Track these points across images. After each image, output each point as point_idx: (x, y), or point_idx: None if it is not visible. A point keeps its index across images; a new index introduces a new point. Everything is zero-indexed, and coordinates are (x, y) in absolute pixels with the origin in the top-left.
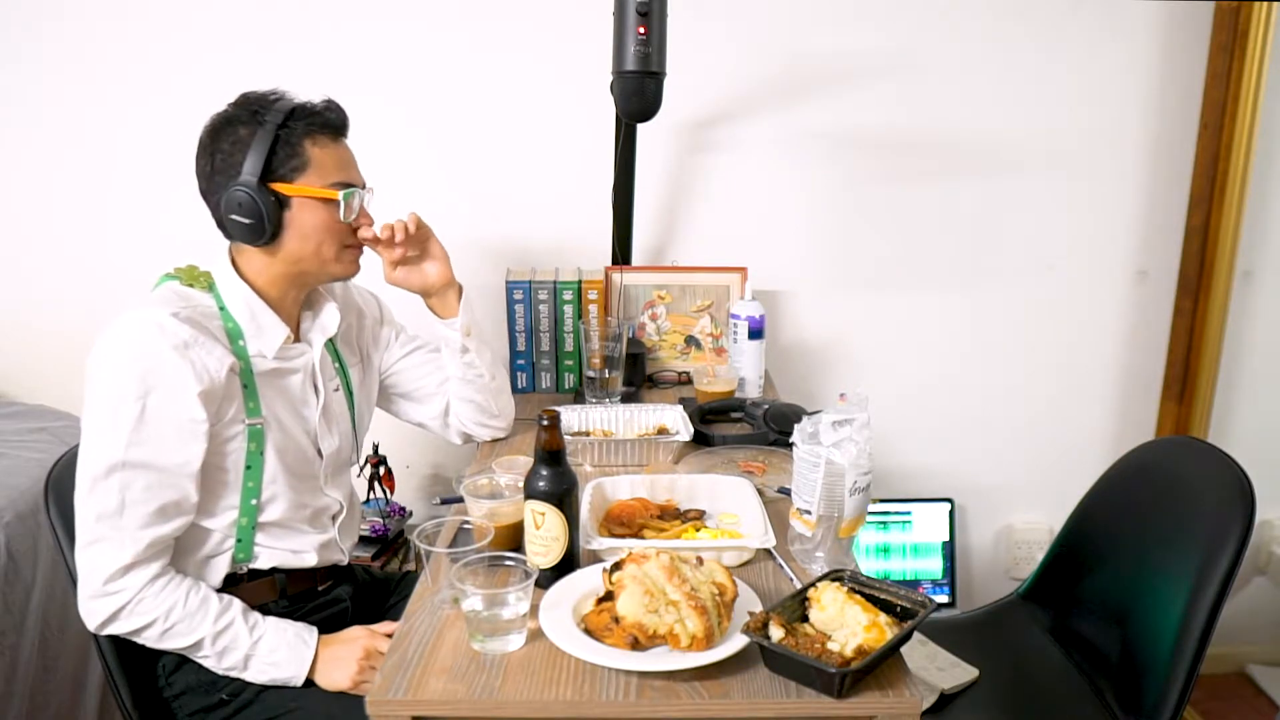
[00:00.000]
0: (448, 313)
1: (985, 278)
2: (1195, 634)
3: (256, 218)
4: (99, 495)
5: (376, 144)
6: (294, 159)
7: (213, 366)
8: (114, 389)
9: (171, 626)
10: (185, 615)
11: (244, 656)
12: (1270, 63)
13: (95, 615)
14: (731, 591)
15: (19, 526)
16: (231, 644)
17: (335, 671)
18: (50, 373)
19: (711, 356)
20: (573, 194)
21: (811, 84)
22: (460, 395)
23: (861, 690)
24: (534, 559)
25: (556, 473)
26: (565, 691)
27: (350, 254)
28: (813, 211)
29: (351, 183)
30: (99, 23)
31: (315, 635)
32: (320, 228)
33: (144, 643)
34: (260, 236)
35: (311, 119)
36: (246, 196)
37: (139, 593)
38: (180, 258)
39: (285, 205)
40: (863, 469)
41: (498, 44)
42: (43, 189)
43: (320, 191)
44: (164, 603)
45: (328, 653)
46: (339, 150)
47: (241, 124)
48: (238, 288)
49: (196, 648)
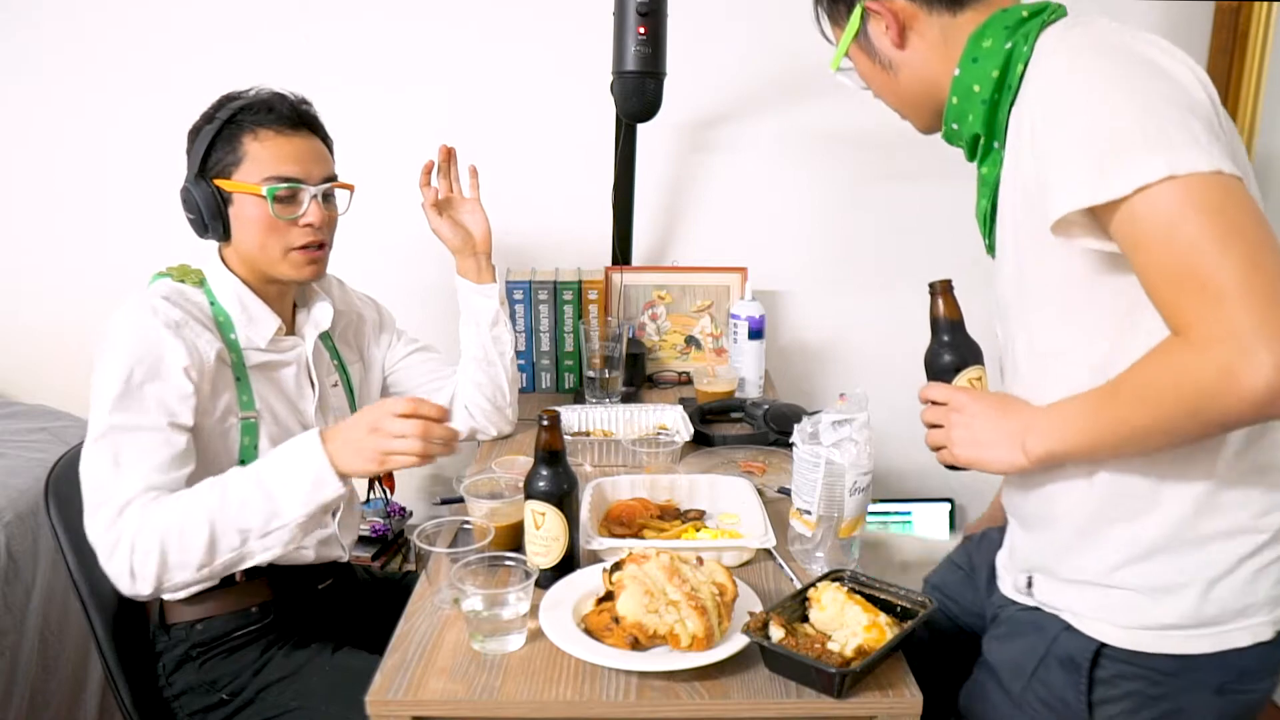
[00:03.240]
0: (484, 278)
1: (986, 277)
2: None
3: (196, 213)
4: (95, 458)
5: (377, 144)
6: (231, 154)
7: (202, 347)
8: (108, 366)
9: (183, 527)
10: (185, 507)
11: (266, 497)
12: (1270, 63)
13: (119, 574)
14: (731, 591)
15: (19, 526)
16: (246, 497)
17: (352, 459)
18: (50, 373)
19: (711, 356)
20: (573, 194)
21: (812, 84)
22: (476, 380)
23: (861, 690)
24: (534, 559)
25: (556, 473)
26: (565, 691)
27: (298, 256)
28: (813, 211)
29: (294, 178)
30: (94, 26)
31: (313, 432)
32: (257, 225)
33: (185, 575)
34: (204, 232)
35: (256, 113)
36: (188, 193)
37: (138, 523)
38: (178, 257)
39: (229, 201)
40: (863, 469)
41: (498, 44)
42: (42, 189)
43: (246, 187)
44: (160, 513)
45: (333, 447)
46: (285, 144)
47: (205, 122)
48: (227, 280)
49: (224, 533)
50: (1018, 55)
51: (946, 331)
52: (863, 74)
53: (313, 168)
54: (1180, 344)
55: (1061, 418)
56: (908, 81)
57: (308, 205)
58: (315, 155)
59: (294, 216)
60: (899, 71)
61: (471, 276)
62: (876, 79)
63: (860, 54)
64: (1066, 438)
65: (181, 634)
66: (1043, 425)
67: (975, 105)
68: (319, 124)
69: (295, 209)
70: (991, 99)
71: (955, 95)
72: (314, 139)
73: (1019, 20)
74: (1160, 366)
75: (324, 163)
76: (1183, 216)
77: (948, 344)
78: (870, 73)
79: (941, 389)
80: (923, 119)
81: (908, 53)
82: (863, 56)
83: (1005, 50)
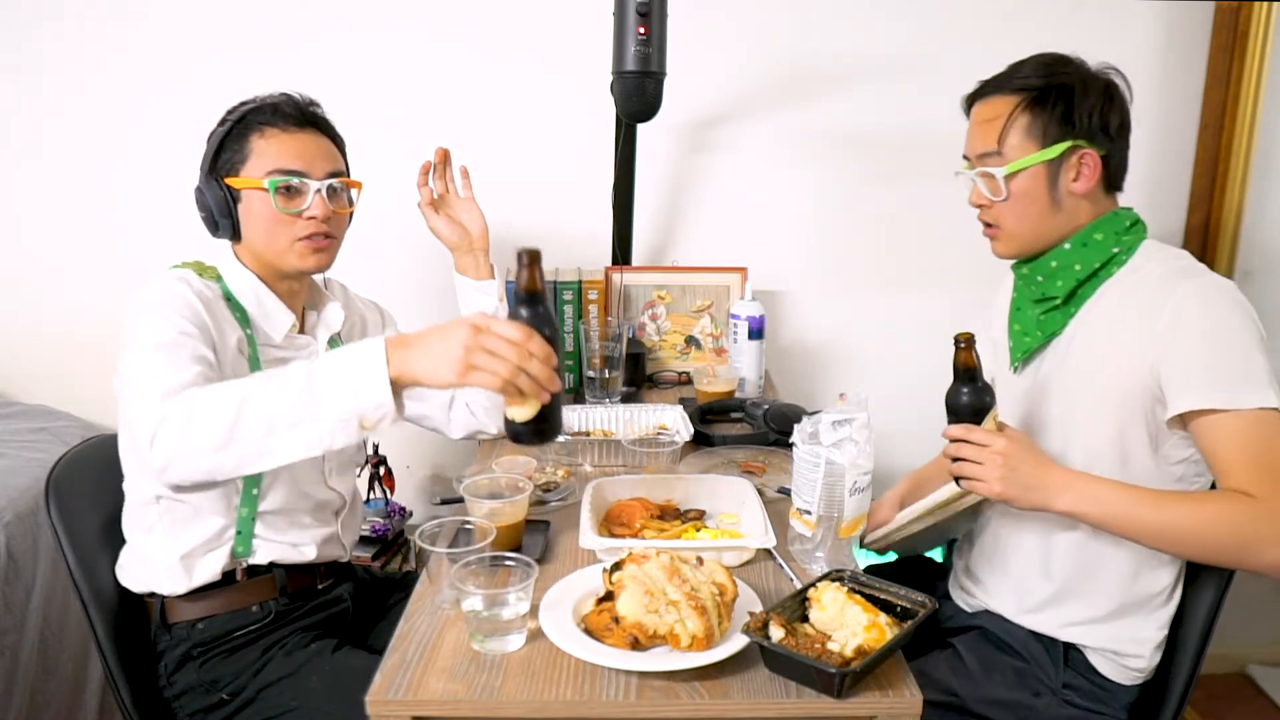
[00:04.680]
0: (482, 275)
1: (986, 277)
2: (1193, 632)
3: (208, 211)
4: (139, 366)
5: (378, 145)
6: (238, 152)
7: (226, 330)
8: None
9: (216, 400)
10: (228, 385)
11: (307, 387)
12: (1270, 63)
13: (146, 439)
14: (731, 591)
15: (19, 526)
16: (287, 384)
17: (430, 362)
18: (50, 373)
19: (711, 356)
20: (573, 194)
21: (812, 84)
22: None
23: (861, 690)
24: (509, 411)
25: (536, 314)
26: (565, 691)
27: (302, 247)
28: (813, 212)
29: (297, 171)
30: (101, 27)
31: (381, 338)
32: (262, 218)
33: (199, 457)
34: (216, 230)
35: (263, 113)
36: (200, 193)
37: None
38: (182, 256)
39: (237, 199)
40: (863, 469)
41: (498, 45)
42: (43, 189)
43: (249, 182)
44: (205, 390)
45: (407, 352)
46: (290, 141)
47: (219, 126)
48: (243, 275)
49: (252, 416)
50: (1116, 261)
51: (970, 379)
52: (1024, 191)
53: (317, 163)
54: (1249, 504)
55: (1102, 495)
56: (1061, 221)
57: (311, 198)
58: (321, 152)
59: (298, 210)
60: (1061, 211)
61: (470, 273)
62: (1035, 204)
63: (1039, 178)
64: (1096, 512)
65: (183, 633)
66: (1082, 491)
67: (1069, 278)
68: (327, 123)
69: (299, 202)
70: (1084, 278)
71: (1056, 260)
72: (321, 137)
73: (1125, 229)
74: (1223, 510)
75: (330, 159)
76: (1272, 431)
77: (973, 390)
78: (1034, 195)
79: (984, 433)
80: (1023, 250)
81: (1080, 203)
82: (1040, 180)
83: (1111, 252)
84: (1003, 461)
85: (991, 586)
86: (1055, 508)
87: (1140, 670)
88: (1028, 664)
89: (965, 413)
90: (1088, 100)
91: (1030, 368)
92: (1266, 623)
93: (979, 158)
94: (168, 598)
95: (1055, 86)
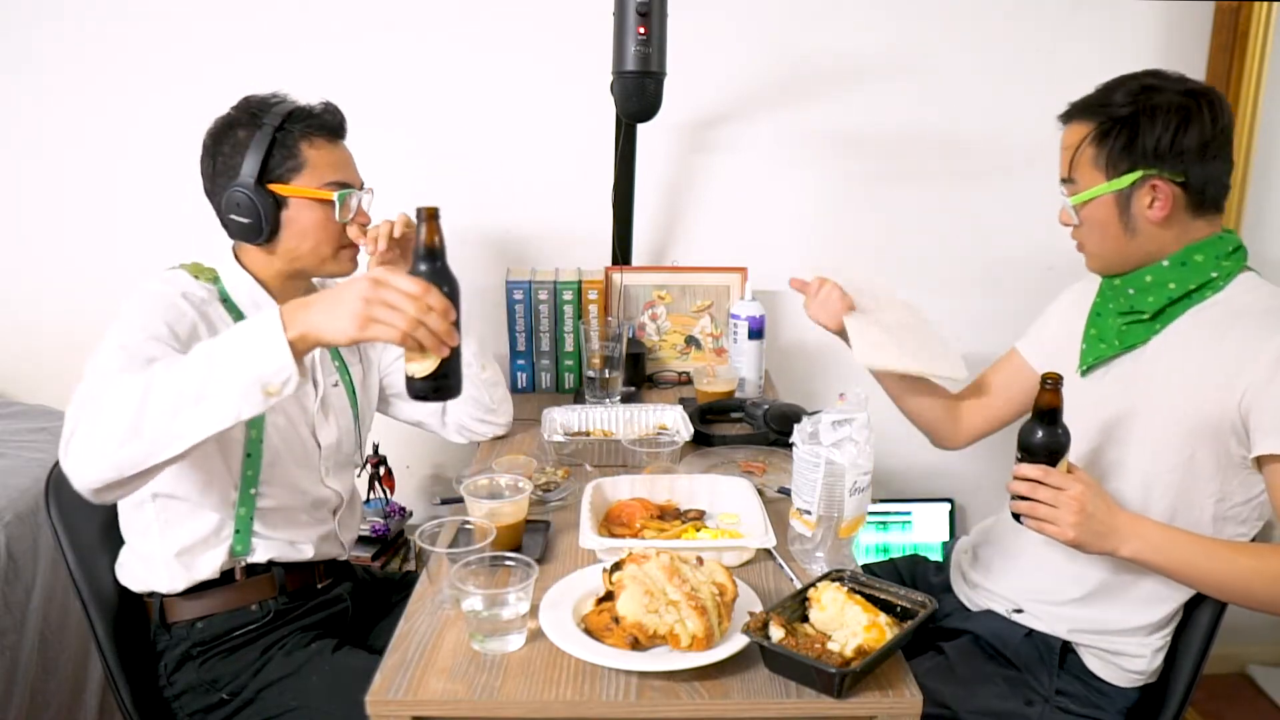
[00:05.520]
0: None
1: (986, 278)
2: (1196, 634)
3: (254, 217)
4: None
5: (377, 145)
6: (290, 160)
7: (220, 329)
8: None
9: (123, 386)
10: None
11: (208, 361)
12: (1270, 63)
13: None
14: (731, 591)
15: (19, 526)
16: (190, 362)
17: (327, 317)
18: (50, 373)
19: (711, 356)
20: (573, 194)
21: (812, 84)
22: None
23: (861, 690)
24: (409, 368)
25: (435, 270)
26: (565, 691)
27: (347, 253)
28: (813, 212)
29: (347, 183)
30: (101, 27)
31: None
32: (316, 227)
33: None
34: (258, 235)
35: (308, 121)
36: (245, 197)
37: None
38: (182, 257)
39: (283, 205)
40: (863, 469)
41: (498, 44)
42: (44, 189)
43: (315, 192)
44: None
45: (305, 313)
46: (335, 151)
47: (241, 127)
48: (242, 279)
49: (159, 394)
50: (1212, 286)
51: (1052, 420)
52: (1096, 219)
53: (354, 173)
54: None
55: (1170, 544)
56: (1140, 244)
57: (357, 206)
58: (354, 162)
59: (349, 218)
60: (1138, 235)
61: None
62: (1109, 230)
63: (1110, 206)
64: (1160, 560)
65: (182, 633)
66: (1147, 538)
67: (1162, 295)
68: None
69: (348, 211)
70: (1176, 298)
71: (1152, 275)
72: (346, 146)
73: (1227, 254)
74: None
75: (357, 169)
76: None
77: (1052, 431)
78: (1106, 222)
79: (1060, 476)
80: (1111, 268)
81: (1160, 229)
82: (1111, 209)
83: (1210, 276)
84: (1078, 508)
85: (1005, 582)
86: (1121, 554)
87: (1141, 673)
88: (1020, 672)
89: (1041, 453)
90: (1155, 128)
91: (1098, 374)
92: (1266, 623)
93: (1061, 182)
94: (167, 597)
95: (1121, 119)
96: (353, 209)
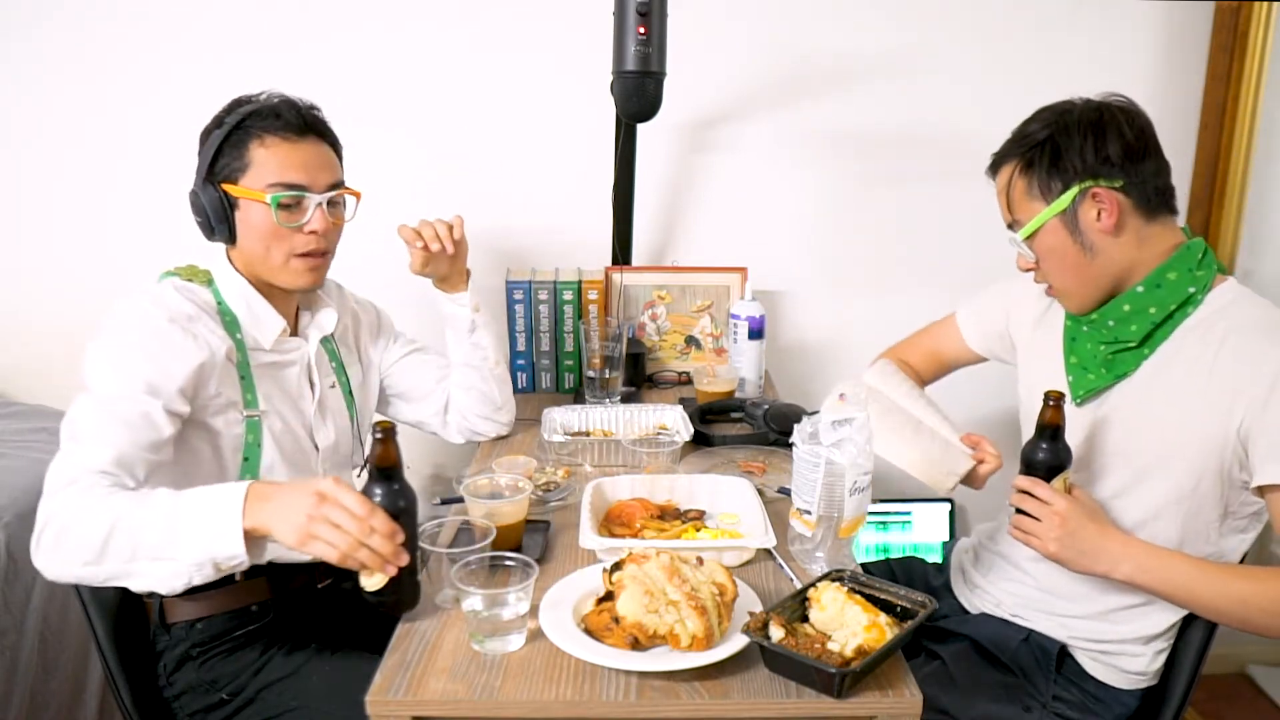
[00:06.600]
0: (455, 288)
1: (985, 278)
2: (1196, 634)
3: (204, 216)
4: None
5: (377, 145)
6: (238, 160)
7: (214, 343)
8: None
9: (92, 519)
10: (106, 503)
11: (169, 526)
12: (1270, 63)
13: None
14: (731, 591)
15: (19, 526)
16: (153, 518)
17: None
18: (50, 373)
19: (711, 356)
20: (573, 194)
21: (812, 84)
22: (465, 384)
23: (861, 690)
24: (360, 578)
25: (391, 490)
26: (565, 691)
27: (299, 263)
28: (813, 212)
29: (300, 185)
30: (98, 26)
31: (244, 484)
32: (260, 230)
33: (72, 566)
34: (211, 234)
35: (265, 120)
36: (195, 196)
37: (66, 502)
38: (180, 258)
39: (235, 205)
40: (863, 469)
41: (498, 44)
42: (43, 189)
43: (251, 193)
44: (86, 499)
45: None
46: (293, 152)
47: (214, 126)
48: (234, 280)
49: (119, 541)
50: (1193, 301)
51: (1053, 436)
52: (1050, 248)
53: (318, 175)
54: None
55: (1165, 569)
56: (1103, 265)
57: (312, 212)
58: (321, 162)
59: (298, 224)
60: (1098, 255)
61: (445, 289)
62: (1067, 257)
63: (1059, 231)
64: (1155, 583)
65: (182, 633)
66: (1142, 562)
67: (1144, 321)
68: (328, 129)
69: (299, 216)
70: (1160, 321)
71: (1130, 304)
72: (321, 145)
73: (1198, 263)
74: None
75: (330, 170)
76: None
77: (1051, 447)
78: (1062, 249)
79: (1051, 492)
80: (1087, 300)
81: (1116, 241)
82: (1061, 233)
83: (1187, 292)
84: (1059, 523)
85: (1006, 586)
86: (1114, 576)
87: (1141, 674)
88: (1017, 678)
89: (1039, 468)
90: (1074, 142)
91: (1093, 405)
92: None
93: (1008, 228)
94: (166, 597)
95: (1040, 142)
96: (308, 214)
